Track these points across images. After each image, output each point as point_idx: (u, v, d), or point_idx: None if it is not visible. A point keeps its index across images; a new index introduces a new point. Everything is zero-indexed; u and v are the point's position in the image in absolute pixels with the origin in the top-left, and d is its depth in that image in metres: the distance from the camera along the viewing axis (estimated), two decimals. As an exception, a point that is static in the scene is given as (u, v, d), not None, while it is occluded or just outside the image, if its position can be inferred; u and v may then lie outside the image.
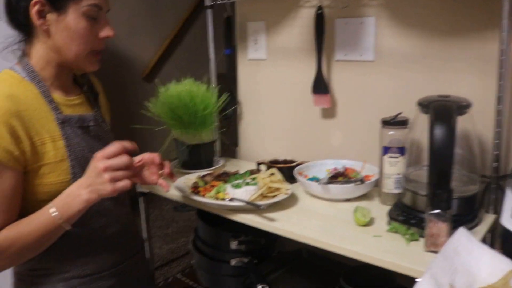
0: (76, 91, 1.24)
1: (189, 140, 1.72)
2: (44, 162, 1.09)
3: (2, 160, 1.01)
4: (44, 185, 1.09)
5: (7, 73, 1.12)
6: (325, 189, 1.39)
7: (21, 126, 1.04)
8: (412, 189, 1.23)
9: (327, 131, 1.73)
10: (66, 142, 1.12)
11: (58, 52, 1.12)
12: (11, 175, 1.04)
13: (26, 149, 1.05)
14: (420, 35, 1.44)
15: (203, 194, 1.42)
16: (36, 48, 1.13)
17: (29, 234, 1.04)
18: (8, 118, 1.02)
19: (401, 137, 1.32)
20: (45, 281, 1.16)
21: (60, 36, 1.09)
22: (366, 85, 1.59)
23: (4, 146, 1.01)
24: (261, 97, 1.92)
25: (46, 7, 1.07)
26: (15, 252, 1.04)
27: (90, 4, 1.09)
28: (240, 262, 1.55)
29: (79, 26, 1.09)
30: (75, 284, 1.17)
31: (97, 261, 1.20)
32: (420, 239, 1.12)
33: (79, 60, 1.14)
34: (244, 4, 1.89)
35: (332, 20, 1.61)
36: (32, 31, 1.11)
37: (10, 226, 1.04)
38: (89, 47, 1.13)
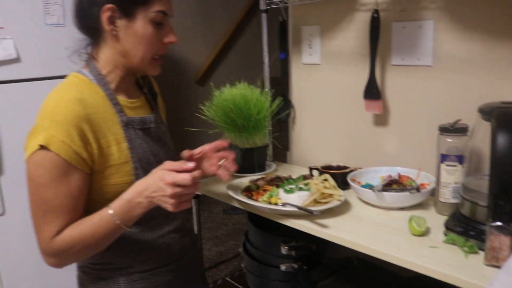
0: (137, 93, 1.28)
1: (242, 143, 1.73)
2: (109, 164, 1.13)
3: (72, 162, 1.05)
4: (109, 185, 1.13)
5: (76, 76, 1.17)
6: (379, 197, 1.36)
7: (90, 129, 1.08)
8: (472, 199, 1.18)
9: (381, 137, 1.69)
10: (129, 144, 1.16)
11: (125, 56, 1.16)
12: (78, 177, 1.08)
13: (93, 151, 1.09)
14: (482, 38, 1.39)
15: (255, 198, 1.43)
16: (103, 52, 1.17)
17: (91, 236, 1.08)
18: (78, 121, 1.06)
19: (460, 145, 1.28)
20: (108, 275, 1.20)
21: (128, 41, 1.13)
22: (423, 91, 1.55)
23: (74, 149, 1.05)
24: (315, 101, 1.91)
25: (116, 13, 1.11)
26: (78, 250, 1.09)
27: (157, 10, 1.12)
28: (290, 267, 1.54)
29: (146, 32, 1.13)
30: (136, 278, 1.21)
31: (156, 257, 1.24)
32: (479, 252, 1.08)
33: (144, 64, 1.17)
34: (298, 8, 1.89)
35: (388, 24, 1.58)
36: (100, 36, 1.15)
37: (73, 226, 1.08)
38: (153, 52, 1.17)
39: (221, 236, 3.18)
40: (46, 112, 1.07)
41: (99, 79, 1.16)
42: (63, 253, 1.08)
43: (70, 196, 1.06)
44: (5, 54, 1.96)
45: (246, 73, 3.42)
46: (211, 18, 3.91)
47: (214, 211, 3.59)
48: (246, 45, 4.21)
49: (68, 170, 1.05)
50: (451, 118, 1.34)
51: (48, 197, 1.05)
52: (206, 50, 3.93)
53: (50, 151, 1.03)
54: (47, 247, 1.08)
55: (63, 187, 1.05)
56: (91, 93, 1.13)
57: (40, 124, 1.06)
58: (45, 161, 1.04)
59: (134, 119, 1.19)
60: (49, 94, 1.13)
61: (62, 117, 1.05)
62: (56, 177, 1.04)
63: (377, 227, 1.27)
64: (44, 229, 1.07)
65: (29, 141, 1.07)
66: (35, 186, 1.06)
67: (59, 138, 1.03)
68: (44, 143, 1.02)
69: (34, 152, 1.04)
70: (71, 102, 1.07)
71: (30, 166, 1.06)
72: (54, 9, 2.08)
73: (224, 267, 3.01)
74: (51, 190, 1.05)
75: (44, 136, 1.03)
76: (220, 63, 4.08)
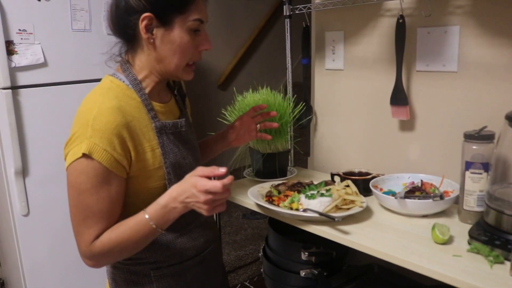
0: (168, 95, 1.31)
1: (264, 149, 1.73)
2: (144, 169, 1.15)
3: (112, 169, 1.08)
4: (142, 190, 1.16)
5: (112, 81, 1.18)
6: (401, 204, 1.35)
7: (129, 137, 1.11)
8: (497, 208, 1.16)
9: (404, 143, 1.68)
10: (162, 150, 1.18)
11: (161, 63, 1.17)
12: (118, 182, 1.11)
13: (132, 158, 1.12)
14: (508, 44, 1.36)
15: (277, 204, 1.43)
16: (140, 58, 1.19)
17: (128, 239, 1.10)
18: (120, 130, 1.09)
19: (485, 152, 1.26)
20: (139, 270, 1.23)
21: (164, 49, 1.15)
22: (448, 97, 1.53)
23: (115, 156, 1.08)
24: (337, 107, 1.90)
25: (154, 22, 1.12)
26: (116, 253, 1.12)
27: (195, 18, 1.14)
28: (310, 273, 1.53)
29: (183, 40, 1.14)
30: (165, 272, 1.24)
31: (184, 251, 1.27)
32: (505, 262, 1.06)
33: (178, 71, 1.19)
34: (322, 14, 1.89)
35: (413, 29, 1.57)
36: (137, 42, 1.17)
37: (111, 230, 1.11)
38: (188, 59, 1.19)
39: (240, 241, 3.18)
40: (87, 120, 1.08)
41: (135, 84, 1.18)
42: (102, 256, 1.11)
43: (110, 201, 1.09)
44: (34, 59, 2.00)
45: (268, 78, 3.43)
46: (234, 23, 3.93)
47: (233, 215, 3.59)
48: (268, 50, 4.22)
49: (109, 176, 1.08)
50: (477, 125, 1.32)
51: (90, 203, 1.08)
52: (229, 55, 3.95)
53: (93, 159, 1.06)
54: (87, 250, 1.10)
55: (104, 193, 1.08)
56: (127, 99, 1.15)
57: (81, 132, 1.08)
58: (88, 168, 1.07)
59: (166, 124, 1.21)
60: (86, 99, 1.15)
61: (104, 125, 1.07)
62: (97, 184, 1.07)
63: (399, 235, 1.26)
64: (84, 232, 1.10)
65: (70, 149, 1.09)
66: (77, 192, 1.09)
67: (102, 146, 1.06)
68: (87, 152, 1.05)
69: (76, 160, 1.07)
70: (112, 110, 1.09)
71: (72, 173, 1.09)
72: (80, 15, 2.12)
73: (242, 272, 3.01)
74: (92, 196, 1.08)
75: (87, 144, 1.05)
76: (243, 68, 4.09)
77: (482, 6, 1.41)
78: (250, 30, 4.06)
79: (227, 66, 3.94)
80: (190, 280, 1.29)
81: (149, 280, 1.24)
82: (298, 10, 1.85)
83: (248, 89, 1.79)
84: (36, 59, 2.01)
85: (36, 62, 2.01)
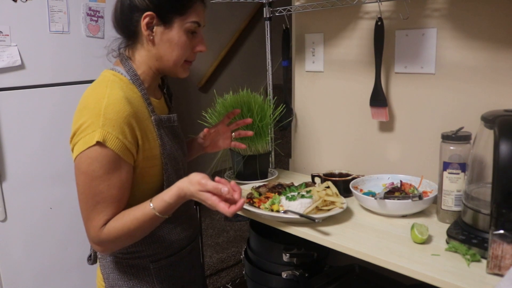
0: (159, 93, 1.37)
1: (245, 151, 1.73)
2: (147, 158, 1.21)
3: (124, 157, 1.14)
4: (144, 178, 1.22)
5: (114, 74, 1.23)
6: (381, 204, 1.36)
7: (137, 126, 1.17)
8: (474, 207, 1.18)
9: (383, 144, 1.69)
10: (161, 141, 1.24)
11: (159, 60, 1.24)
12: (128, 169, 1.17)
13: (139, 146, 1.18)
14: (485, 46, 1.39)
15: (258, 205, 1.43)
16: (139, 53, 1.25)
17: (135, 228, 1.16)
18: (130, 119, 1.15)
19: (462, 152, 1.28)
20: (138, 262, 1.29)
21: (163, 46, 1.22)
22: (426, 99, 1.55)
23: (126, 144, 1.14)
24: (317, 109, 1.91)
25: (155, 20, 1.19)
26: (123, 240, 1.18)
27: (193, 21, 1.22)
28: (291, 275, 1.54)
29: (181, 39, 1.22)
30: (164, 263, 1.31)
31: (179, 241, 1.34)
32: (482, 260, 1.07)
33: (176, 68, 1.26)
34: (302, 16, 1.89)
35: (392, 32, 1.59)
36: (138, 38, 1.24)
37: (117, 218, 1.16)
38: (184, 58, 1.25)
39: (222, 243, 3.17)
40: (98, 110, 1.12)
41: (135, 79, 1.23)
42: (109, 242, 1.17)
43: (120, 188, 1.15)
44: (10, 61, 1.97)
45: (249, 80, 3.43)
46: (215, 25, 3.92)
47: (215, 218, 3.58)
48: (249, 52, 4.23)
49: (120, 163, 1.14)
50: (454, 125, 1.34)
51: (102, 189, 1.13)
52: (210, 57, 3.95)
53: (106, 147, 1.11)
54: (96, 235, 1.16)
55: (115, 179, 1.14)
56: (131, 92, 1.20)
57: (92, 121, 1.12)
58: (101, 156, 1.11)
59: (162, 117, 1.27)
60: (91, 91, 1.19)
61: (116, 114, 1.12)
62: (110, 170, 1.13)
63: (379, 235, 1.27)
64: (95, 218, 1.15)
65: (80, 138, 1.13)
66: (89, 179, 1.13)
67: (115, 134, 1.11)
68: (101, 139, 1.10)
69: (89, 148, 1.11)
70: (122, 100, 1.15)
71: (84, 160, 1.12)
72: (59, 17, 2.10)
73: (225, 274, 3.00)
74: (104, 183, 1.13)
75: (100, 133, 1.10)
76: (223, 70, 4.09)
77: (458, 9, 1.43)
78: (231, 32, 4.06)
79: (208, 68, 3.93)
80: (182, 269, 1.35)
81: (148, 272, 1.29)
82: (278, 13, 1.85)
83: (229, 91, 1.79)
84: (13, 62, 1.97)
85: (13, 64, 1.98)
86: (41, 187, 2.11)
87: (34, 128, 2.07)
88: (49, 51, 2.09)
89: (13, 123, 2.01)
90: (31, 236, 2.11)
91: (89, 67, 2.20)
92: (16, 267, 2.08)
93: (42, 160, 2.11)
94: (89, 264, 1.41)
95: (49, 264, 2.17)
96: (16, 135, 2.02)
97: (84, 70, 2.19)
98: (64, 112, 2.13)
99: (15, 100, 2.01)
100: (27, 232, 2.10)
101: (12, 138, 2.01)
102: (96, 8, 2.20)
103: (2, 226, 2.03)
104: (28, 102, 2.05)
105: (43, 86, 2.09)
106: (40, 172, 2.11)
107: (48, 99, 2.10)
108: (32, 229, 2.11)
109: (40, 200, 2.11)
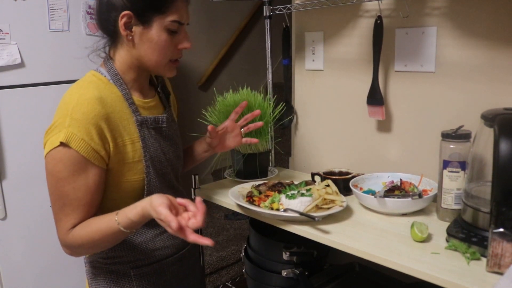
0: (151, 92, 1.33)
1: (245, 149, 1.73)
2: (123, 161, 1.17)
3: (90, 159, 1.10)
4: (122, 182, 1.19)
5: (94, 75, 1.21)
6: (381, 203, 1.36)
7: (107, 128, 1.13)
8: (474, 206, 1.18)
9: (384, 143, 1.69)
10: (143, 143, 1.21)
11: (140, 60, 1.21)
12: (96, 172, 1.13)
13: (110, 149, 1.14)
14: (485, 45, 1.39)
15: (257, 204, 1.43)
16: (120, 53, 1.22)
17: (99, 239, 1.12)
18: (98, 120, 1.11)
19: (462, 151, 1.28)
20: (118, 268, 1.25)
21: (143, 46, 1.18)
22: (426, 97, 1.55)
23: (93, 146, 1.10)
24: (317, 107, 1.91)
25: (133, 20, 1.15)
26: (87, 248, 1.17)
27: (173, 20, 1.17)
28: (291, 273, 1.54)
29: (160, 38, 1.17)
30: (145, 270, 1.26)
31: (163, 249, 1.29)
32: (481, 259, 1.07)
33: (159, 68, 1.23)
34: (302, 14, 1.89)
35: (391, 30, 1.59)
36: (117, 38, 1.21)
37: (83, 226, 1.13)
38: (168, 57, 1.22)
39: (222, 242, 3.17)
40: (67, 110, 1.10)
41: (116, 79, 1.20)
42: (75, 247, 1.15)
43: (87, 191, 1.11)
44: (10, 59, 1.97)
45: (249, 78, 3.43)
46: (215, 23, 3.92)
47: (215, 216, 3.58)
48: (249, 51, 4.22)
49: (86, 166, 1.10)
50: (454, 124, 1.34)
51: (67, 191, 1.10)
52: (210, 56, 3.94)
53: (70, 148, 1.08)
54: (63, 238, 1.14)
55: (81, 182, 1.10)
56: (108, 92, 1.17)
57: (60, 122, 1.10)
58: (65, 157, 1.09)
59: (147, 118, 1.24)
60: (68, 91, 1.17)
61: (83, 115, 1.09)
62: (75, 172, 1.10)
63: (378, 233, 1.27)
64: (62, 220, 1.13)
65: (48, 137, 1.11)
66: (55, 180, 1.11)
67: (79, 136, 1.08)
68: (65, 140, 1.07)
69: (54, 148, 1.09)
70: (91, 101, 1.11)
71: (50, 161, 1.11)
72: (58, 15, 2.10)
73: (225, 273, 3.00)
74: (69, 185, 1.10)
75: (65, 133, 1.08)
76: (223, 68, 4.09)
77: (458, 7, 1.43)
78: (231, 30, 4.05)
79: (208, 66, 3.93)
80: (169, 278, 1.31)
81: (129, 279, 1.25)
82: (278, 11, 1.85)
83: (229, 89, 1.79)
84: (13, 60, 1.97)
85: (13, 62, 1.98)
86: (41, 185, 2.10)
87: (34, 126, 2.07)
88: (49, 49, 2.09)
89: (13, 121, 2.01)
90: (31, 234, 2.11)
91: (89, 65, 2.19)
92: (16, 265, 2.08)
93: (42, 158, 2.10)
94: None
95: (49, 262, 2.17)
96: (16, 133, 2.02)
97: (83, 69, 2.15)
98: (64, 110, 2.13)
99: (15, 99, 2.01)
100: (27, 230, 2.10)
101: (12, 136, 2.01)
102: (96, 6, 2.20)
103: (2, 224, 2.03)
104: (28, 100, 2.05)
105: (43, 84, 2.09)
106: (40, 170, 2.08)
107: (48, 97, 2.10)
108: (32, 227, 2.11)
109: (40, 198, 2.11)
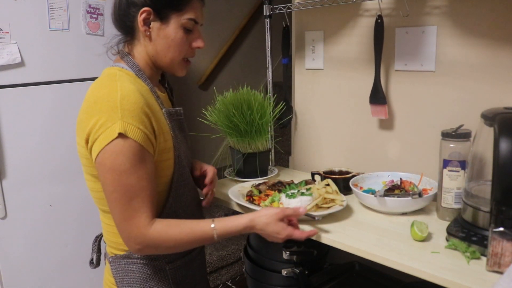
0: (162, 88, 1.36)
1: (245, 148, 1.73)
2: (161, 151, 1.19)
3: (146, 147, 1.12)
4: (157, 171, 1.19)
5: (120, 70, 1.21)
6: (381, 202, 1.36)
7: (153, 117, 1.15)
8: (474, 205, 1.18)
9: (383, 142, 1.69)
10: (173, 133, 1.23)
11: (156, 56, 1.24)
12: (151, 160, 1.14)
13: (156, 138, 1.16)
14: (485, 44, 1.39)
15: (257, 203, 1.43)
16: (137, 49, 1.25)
17: (187, 241, 1.17)
18: (146, 109, 1.13)
19: (462, 150, 1.28)
20: (154, 264, 1.26)
21: (160, 42, 1.22)
22: (426, 96, 1.55)
23: (147, 134, 1.12)
24: (317, 106, 1.91)
25: (151, 16, 1.19)
26: (168, 247, 1.16)
27: (189, 18, 1.22)
28: (291, 272, 1.54)
29: (177, 35, 1.22)
30: (179, 264, 1.30)
31: None
32: (481, 258, 1.07)
33: (173, 65, 1.26)
34: (302, 13, 1.89)
35: (392, 29, 1.59)
36: (135, 34, 1.24)
37: (173, 225, 1.15)
38: (182, 55, 1.25)
39: (223, 241, 3.17)
40: (113, 103, 1.09)
41: (140, 74, 1.23)
42: (153, 245, 1.14)
43: (148, 179, 1.12)
44: (10, 59, 1.96)
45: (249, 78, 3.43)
46: (215, 23, 3.92)
47: (215, 215, 3.58)
48: (249, 50, 4.22)
49: (144, 154, 1.11)
50: (454, 123, 1.34)
51: (132, 182, 1.10)
52: (209, 55, 3.94)
53: (128, 138, 1.08)
54: (140, 235, 1.12)
55: (143, 171, 1.11)
56: (139, 86, 1.19)
57: (110, 115, 1.08)
58: (124, 148, 1.08)
59: (171, 110, 1.26)
60: (99, 87, 1.16)
61: (134, 105, 1.10)
62: (136, 162, 1.09)
63: (378, 232, 1.27)
64: (135, 216, 1.11)
65: (99, 133, 1.09)
66: (117, 174, 1.09)
67: (135, 125, 1.09)
68: (123, 131, 1.07)
69: (110, 142, 1.07)
70: (135, 92, 1.13)
71: (108, 156, 1.09)
72: (58, 14, 2.09)
73: (225, 272, 3.00)
74: (132, 176, 1.10)
75: (120, 124, 1.07)
76: (223, 68, 4.08)
77: (458, 7, 1.43)
78: (231, 30, 4.05)
79: (208, 66, 3.93)
80: (195, 269, 1.36)
81: (164, 274, 1.27)
82: (278, 10, 1.85)
83: (229, 89, 1.79)
84: (13, 59, 1.97)
85: (13, 61, 1.97)
86: (41, 184, 2.11)
87: (34, 125, 2.07)
88: (48, 48, 2.08)
89: (13, 121, 2.01)
90: (31, 233, 2.11)
91: (89, 64, 2.19)
92: (16, 264, 2.08)
93: (42, 157, 2.10)
94: (91, 268, 1.39)
95: (49, 261, 2.17)
96: (16, 133, 2.02)
97: (84, 68, 2.19)
98: (64, 109, 2.13)
99: (15, 98, 2.01)
100: (27, 229, 2.10)
101: (12, 136, 2.01)
102: (96, 5, 2.19)
103: (2, 223, 2.03)
104: (28, 100, 2.05)
105: (43, 83, 2.09)
106: (40, 170, 2.11)
107: (48, 96, 2.10)
108: (32, 226, 2.11)
109: (40, 197, 2.11)
